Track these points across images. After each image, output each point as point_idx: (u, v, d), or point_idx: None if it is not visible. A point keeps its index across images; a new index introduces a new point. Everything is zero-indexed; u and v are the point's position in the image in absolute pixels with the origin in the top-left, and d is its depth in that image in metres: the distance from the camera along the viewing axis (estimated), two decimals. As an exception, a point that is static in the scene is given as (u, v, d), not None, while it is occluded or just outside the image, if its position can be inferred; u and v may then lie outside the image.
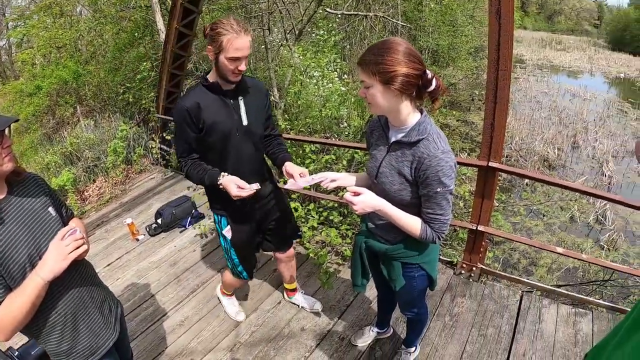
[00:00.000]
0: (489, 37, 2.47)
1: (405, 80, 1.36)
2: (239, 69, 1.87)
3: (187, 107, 1.91)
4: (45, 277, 1.32)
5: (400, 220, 1.57)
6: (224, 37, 1.78)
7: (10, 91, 12.96)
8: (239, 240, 2.32)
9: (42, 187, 1.55)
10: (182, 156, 2.10)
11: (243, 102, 2.06)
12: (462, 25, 14.71)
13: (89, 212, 5.26)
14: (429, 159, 1.42)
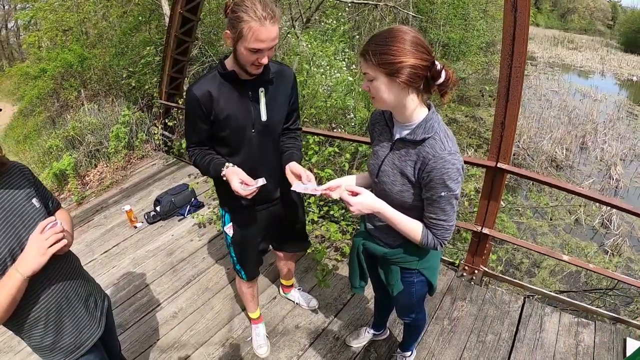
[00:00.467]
0: (504, 31, 2.36)
1: (412, 72, 1.24)
2: (260, 62, 1.60)
3: (198, 96, 1.69)
4: (24, 273, 1.27)
5: (400, 224, 1.47)
6: (245, 25, 1.49)
7: (16, 73, 12.95)
8: (240, 240, 2.15)
9: (27, 178, 1.49)
10: (191, 146, 1.91)
11: (264, 94, 1.80)
12: (474, 19, 14.48)
13: (89, 197, 5.23)
14: (434, 159, 1.31)
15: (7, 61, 25.22)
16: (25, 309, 1.40)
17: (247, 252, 2.21)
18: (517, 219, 6.82)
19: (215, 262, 3.49)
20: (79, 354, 1.60)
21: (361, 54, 1.31)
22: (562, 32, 39.55)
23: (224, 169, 1.78)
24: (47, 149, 7.56)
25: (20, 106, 14.69)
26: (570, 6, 53.20)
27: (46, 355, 1.56)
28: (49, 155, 7.51)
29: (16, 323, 1.43)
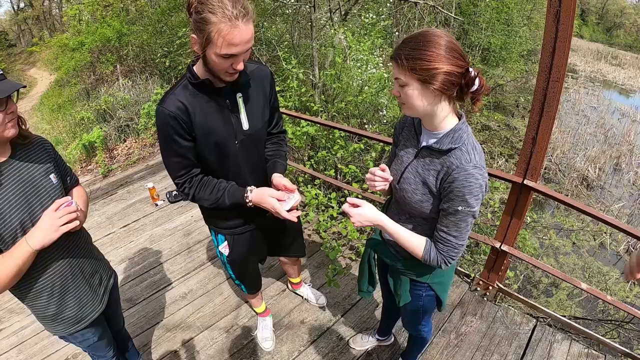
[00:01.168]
0: (544, 41, 2.25)
1: (446, 79, 1.18)
2: (234, 68, 1.38)
3: (174, 112, 1.44)
4: (34, 246, 1.31)
5: (402, 239, 1.42)
6: (213, 27, 1.25)
7: (55, 44, 13.29)
8: (238, 258, 2.01)
9: (47, 152, 1.53)
10: (179, 176, 1.60)
11: (243, 99, 1.58)
12: (517, 25, 14.05)
13: (115, 170, 5.36)
14: (457, 170, 1.25)
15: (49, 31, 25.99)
16: (31, 279, 1.45)
17: (246, 268, 2.11)
18: (540, 236, 6.64)
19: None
20: (79, 327, 1.66)
21: (393, 57, 1.24)
22: (606, 46, 38.01)
23: (249, 194, 1.62)
24: (79, 120, 7.76)
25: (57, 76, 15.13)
26: (617, 21, 51.10)
27: (48, 324, 1.62)
28: (80, 127, 7.72)
29: (21, 291, 1.48)
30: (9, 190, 1.34)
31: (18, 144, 1.41)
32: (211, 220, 1.92)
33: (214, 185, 1.64)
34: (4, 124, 1.27)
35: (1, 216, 1.31)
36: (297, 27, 7.90)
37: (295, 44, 7.68)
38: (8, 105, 1.27)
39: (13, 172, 1.36)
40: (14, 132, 1.32)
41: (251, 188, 1.64)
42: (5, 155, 1.36)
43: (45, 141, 1.55)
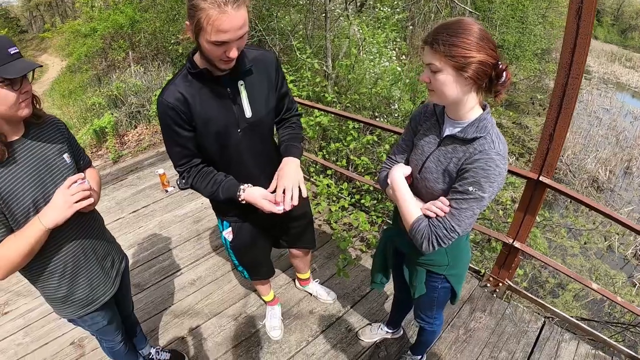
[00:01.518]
0: (565, 37, 2.21)
1: (480, 68, 1.18)
2: (228, 56, 1.34)
3: (172, 103, 1.45)
4: (47, 224, 1.31)
5: (404, 200, 1.43)
6: (202, 14, 1.22)
7: (67, 30, 13.32)
8: (241, 245, 1.99)
9: (61, 133, 1.52)
10: (180, 164, 1.62)
11: (245, 86, 1.55)
12: (531, 23, 13.88)
13: (126, 156, 5.37)
14: (479, 154, 1.24)
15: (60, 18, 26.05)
16: (43, 260, 1.44)
17: (248, 255, 2.09)
18: (549, 236, 6.60)
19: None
20: (89, 309, 1.65)
21: (428, 42, 1.22)
22: (620, 48, 37.49)
23: (241, 192, 1.60)
24: (90, 106, 7.80)
25: (68, 62, 15.17)
26: (632, 23, 50.35)
27: (58, 307, 1.61)
28: (91, 112, 7.75)
29: (33, 272, 1.48)
30: (22, 168, 1.33)
31: (32, 123, 1.40)
32: (217, 206, 1.93)
33: (211, 177, 1.64)
34: (18, 104, 1.26)
35: (14, 194, 1.30)
36: (310, 17, 7.85)
37: (309, 35, 7.63)
38: (23, 85, 1.26)
39: (26, 151, 1.36)
40: (27, 112, 1.31)
41: (244, 187, 1.62)
42: (19, 133, 1.36)
43: (59, 121, 1.55)
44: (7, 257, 1.28)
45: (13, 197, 1.29)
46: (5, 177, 1.28)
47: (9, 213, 1.30)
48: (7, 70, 1.18)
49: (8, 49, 1.21)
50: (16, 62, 1.22)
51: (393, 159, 1.63)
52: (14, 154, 1.32)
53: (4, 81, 1.19)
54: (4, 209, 1.29)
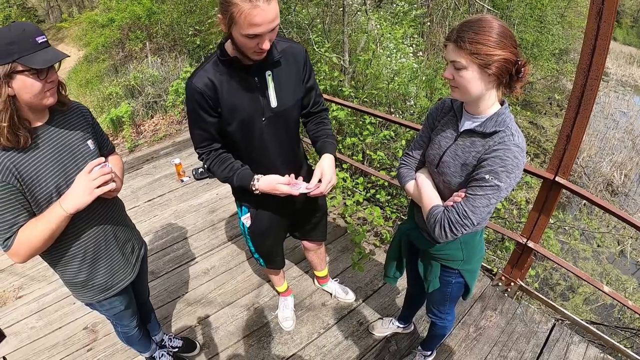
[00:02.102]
0: (585, 39, 2.20)
1: (503, 66, 1.21)
2: (260, 48, 1.38)
3: (200, 88, 1.50)
4: (68, 209, 1.32)
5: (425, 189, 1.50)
6: (235, 8, 1.27)
7: (84, 20, 13.44)
8: (258, 231, 2.02)
9: (85, 119, 1.54)
10: (200, 146, 1.69)
11: (272, 77, 1.58)
12: (550, 22, 13.67)
13: (142, 146, 5.44)
14: (499, 145, 1.27)
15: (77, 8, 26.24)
16: (64, 244, 1.47)
17: (265, 243, 2.11)
18: (561, 238, 6.55)
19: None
20: (108, 294, 1.68)
21: (453, 40, 1.25)
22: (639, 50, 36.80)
23: (255, 182, 1.65)
24: (107, 95, 7.89)
25: (86, 52, 15.31)
26: (652, 24, 49.33)
27: (77, 291, 1.64)
28: (108, 101, 7.84)
29: (54, 256, 1.50)
30: (46, 154, 1.35)
31: (57, 110, 1.42)
32: (236, 192, 1.96)
33: (228, 163, 1.69)
34: (43, 92, 1.28)
35: (37, 180, 1.32)
36: (328, 11, 7.83)
37: (326, 29, 7.62)
38: (49, 74, 1.28)
39: (50, 137, 1.38)
40: (52, 101, 1.33)
41: (258, 177, 1.66)
42: (43, 120, 1.38)
43: (84, 108, 1.57)
44: (28, 241, 1.30)
45: (36, 183, 1.31)
46: (29, 162, 1.30)
47: (31, 198, 1.32)
48: (33, 60, 1.20)
49: (36, 37, 1.22)
50: (43, 51, 1.23)
51: (410, 155, 1.65)
52: (37, 140, 1.34)
53: (30, 70, 1.21)
54: (27, 194, 1.31)
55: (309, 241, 2.39)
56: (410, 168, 1.65)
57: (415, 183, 1.59)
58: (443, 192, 1.49)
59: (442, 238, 1.37)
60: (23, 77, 1.21)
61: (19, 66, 1.19)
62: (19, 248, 1.31)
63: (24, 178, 1.29)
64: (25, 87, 1.23)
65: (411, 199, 1.70)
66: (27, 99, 1.26)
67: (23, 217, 1.31)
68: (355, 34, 6.78)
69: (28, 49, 1.20)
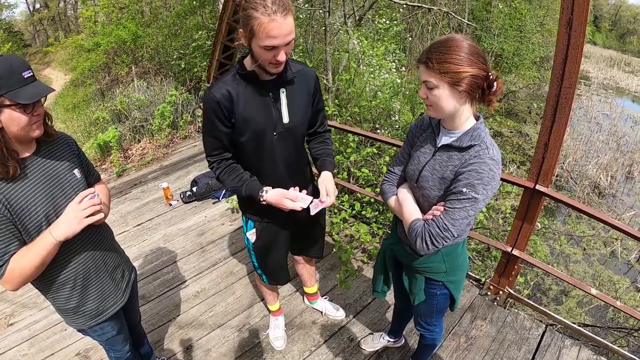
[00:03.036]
0: (556, 49, 2.28)
1: (473, 82, 1.27)
2: (277, 59, 1.49)
3: (218, 98, 1.59)
4: (58, 237, 1.35)
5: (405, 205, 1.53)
6: (255, 22, 1.38)
7: (71, 45, 13.50)
8: (263, 246, 2.07)
9: (71, 149, 1.58)
10: (211, 154, 1.77)
11: (286, 94, 1.70)
12: (529, 32, 13.99)
13: (129, 170, 5.43)
14: (474, 159, 1.33)
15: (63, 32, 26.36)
16: (54, 271, 1.48)
17: (268, 258, 2.15)
18: (551, 243, 6.61)
19: (243, 248, 3.55)
20: (100, 320, 1.69)
21: (422, 61, 1.31)
22: (619, 53, 37.61)
23: (264, 193, 1.72)
24: (93, 120, 7.88)
25: (72, 76, 15.34)
26: (630, 27, 50.57)
27: (69, 317, 1.65)
28: (95, 126, 7.83)
29: (44, 283, 1.51)
30: (35, 183, 1.38)
31: (43, 141, 1.46)
32: (244, 206, 2.02)
33: (238, 174, 1.76)
34: (30, 125, 1.31)
35: (27, 209, 1.34)
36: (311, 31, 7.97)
37: (309, 48, 7.74)
38: (35, 108, 1.31)
39: (38, 167, 1.41)
40: (38, 133, 1.36)
41: (267, 188, 1.73)
42: (31, 150, 1.41)
43: (69, 138, 1.61)
44: (20, 268, 1.32)
45: (26, 212, 1.34)
46: (18, 192, 1.33)
47: (22, 227, 1.34)
48: (19, 95, 1.23)
49: (22, 72, 1.26)
50: (30, 86, 1.27)
51: (392, 172, 1.70)
52: (26, 170, 1.37)
53: (17, 104, 1.24)
54: (17, 223, 1.33)
55: (304, 256, 2.44)
56: (392, 184, 1.70)
57: (396, 198, 1.63)
58: (423, 205, 1.53)
59: (424, 250, 1.41)
60: (10, 111, 1.25)
61: (6, 100, 1.22)
62: (11, 276, 1.33)
63: (14, 208, 1.31)
64: (12, 120, 1.26)
65: (394, 214, 1.74)
66: (15, 131, 1.29)
67: (14, 245, 1.33)
68: (338, 52, 6.89)
69: (14, 84, 1.23)
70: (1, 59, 1.24)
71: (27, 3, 30.81)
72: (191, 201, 4.35)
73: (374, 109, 5.48)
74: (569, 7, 2.10)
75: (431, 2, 10.84)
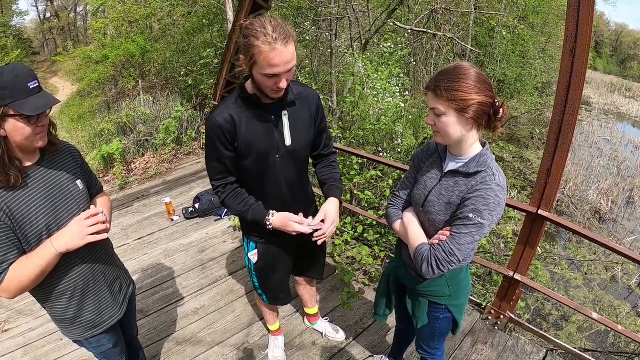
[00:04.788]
0: (560, 76, 2.32)
1: (480, 109, 1.30)
2: (278, 87, 1.50)
3: (220, 122, 1.59)
4: (59, 249, 1.36)
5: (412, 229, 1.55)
6: (256, 50, 1.39)
7: (79, 55, 13.69)
8: (264, 268, 2.06)
9: (75, 160, 1.58)
10: (216, 179, 1.76)
11: (288, 117, 1.70)
12: (532, 58, 14.17)
13: (132, 183, 5.45)
14: (481, 185, 1.35)
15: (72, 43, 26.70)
16: (53, 281, 1.48)
17: (270, 279, 2.14)
18: (551, 268, 6.59)
19: (244, 266, 3.54)
20: (96, 332, 1.68)
21: (431, 89, 1.35)
22: (620, 79, 37.98)
23: (270, 217, 1.72)
24: (98, 131, 7.93)
25: (79, 87, 15.49)
26: (630, 52, 51.19)
27: (65, 327, 1.64)
28: (99, 138, 7.88)
29: (42, 293, 1.51)
30: (36, 193, 1.38)
31: (47, 150, 1.46)
32: (246, 227, 2.00)
33: (243, 198, 1.76)
34: (34, 136, 1.32)
35: (28, 217, 1.34)
36: (317, 53, 8.09)
37: (315, 70, 7.85)
38: (40, 119, 1.32)
39: (40, 176, 1.41)
40: (42, 144, 1.37)
41: (273, 212, 1.74)
42: (34, 159, 1.42)
43: (73, 148, 1.62)
44: (18, 277, 1.33)
45: (27, 221, 1.34)
46: (20, 200, 1.33)
47: (22, 236, 1.35)
48: (24, 106, 1.24)
49: (28, 83, 1.26)
50: (35, 97, 1.27)
51: (397, 196, 1.72)
52: (28, 180, 1.37)
53: (21, 115, 1.24)
54: (18, 232, 1.33)
55: (305, 277, 2.43)
56: (397, 208, 1.72)
57: (402, 222, 1.64)
58: (428, 230, 1.55)
59: (429, 275, 1.42)
60: (14, 121, 1.25)
61: (11, 110, 1.23)
62: (9, 284, 1.33)
63: (15, 216, 1.31)
64: (16, 130, 1.27)
65: (398, 237, 1.75)
66: (18, 141, 1.30)
67: (14, 254, 1.33)
68: (343, 75, 6.99)
69: (20, 95, 1.23)
70: (7, 69, 1.24)
71: (38, 11, 31.31)
72: (193, 217, 4.36)
73: (377, 132, 5.53)
74: (572, 36, 2.16)
75: (436, 27, 11.02)
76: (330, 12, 7.88)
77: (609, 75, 39.75)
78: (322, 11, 8.10)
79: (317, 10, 8.24)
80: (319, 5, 8.26)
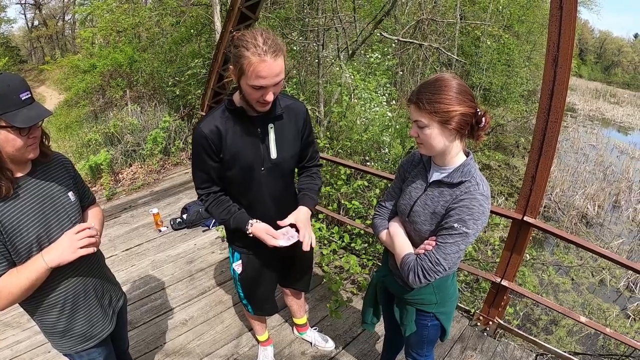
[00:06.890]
0: (543, 85, 2.37)
1: (462, 120, 1.32)
2: (264, 99, 1.51)
3: (206, 133, 1.61)
4: (50, 263, 1.34)
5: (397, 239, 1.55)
6: (245, 60, 1.40)
7: (67, 64, 13.59)
8: (249, 278, 2.06)
9: (67, 170, 1.57)
10: (201, 187, 1.78)
11: (274, 130, 1.71)
12: (517, 66, 14.40)
13: (120, 194, 5.40)
14: (465, 194, 1.37)
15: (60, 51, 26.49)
16: (43, 294, 1.46)
17: (254, 290, 2.14)
18: (539, 274, 6.64)
19: (232, 277, 3.52)
20: (87, 345, 1.65)
21: (413, 101, 1.36)
22: (605, 85, 38.78)
23: (249, 226, 1.73)
24: (86, 142, 7.87)
25: (66, 96, 15.35)
26: (614, 59, 52.33)
27: (56, 340, 1.61)
28: (87, 148, 7.81)
29: (32, 305, 1.49)
30: (27, 204, 1.36)
31: (39, 161, 1.44)
32: (231, 237, 2.01)
33: (226, 206, 1.78)
34: (25, 147, 1.31)
35: (18, 229, 1.32)
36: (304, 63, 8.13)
37: (302, 81, 7.88)
38: (31, 130, 1.30)
39: (32, 187, 1.39)
40: (34, 155, 1.36)
41: (253, 221, 1.74)
42: (25, 170, 1.40)
43: (65, 159, 1.60)
44: (7, 289, 1.30)
45: (17, 232, 1.32)
46: (10, 211, 1.31)
47: (12, 247, 1.32)
48: (15, 118, 1.22)
49: (20, 94, 1.24)
50: (27, 108, 1.26)
51: (383, 206, 1.74)
52: (19, 190, 1.35)
53: (12, 127, 1.23)
54: (7, 243, 1.31)
55: (291, 289, 2.43)
56: (383, 218, 1.73)
57: (388, 232, 1.65)
58: (414, 239, 1.56)
59: (416, 284, 1.43)
60: (5, 133, 1.24)
61: (2, 122, 1.21)
62: None
63: (5, 227, 1.29)
64: (7, 141, 1.26)
65: (385, 247, 1.76)
66: (10, 152, 1.28)
67: (3, 266, 1.31)
68: (330, 85, 7.03)
69: (11, 106, 1.22)
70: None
71: (26, 19, 30.97)
72: (181, 228, 4.33)
73: (364, 143, 5.57)
74: (555, 45, 2.20)
75: (422, 38, 11.15)
76: (317, 23, 7.95)
77: (594, 82, 40.54)
78: (310, 22, 8.17)
79: (305, 20, 8.30)
80: (306, 16, 8.33)
